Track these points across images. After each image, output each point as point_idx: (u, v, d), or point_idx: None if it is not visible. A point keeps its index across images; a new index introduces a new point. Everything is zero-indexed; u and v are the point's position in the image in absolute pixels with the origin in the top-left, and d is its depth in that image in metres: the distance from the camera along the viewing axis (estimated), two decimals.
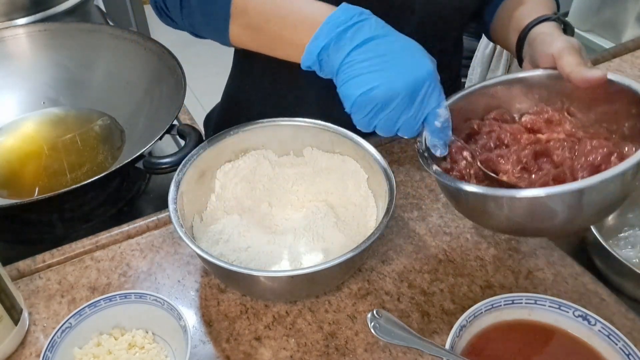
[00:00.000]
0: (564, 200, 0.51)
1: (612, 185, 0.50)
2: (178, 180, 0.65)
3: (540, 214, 0.52)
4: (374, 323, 0.55)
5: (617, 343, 0.53)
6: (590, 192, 0.50)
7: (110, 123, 0.94)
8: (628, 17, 1.70)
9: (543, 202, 0.51)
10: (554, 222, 0.53)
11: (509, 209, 0.53)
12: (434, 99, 0.57)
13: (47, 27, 1.00)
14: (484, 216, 0.57)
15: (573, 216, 0.52)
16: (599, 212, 0.55)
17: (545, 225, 0.54)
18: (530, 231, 0.59)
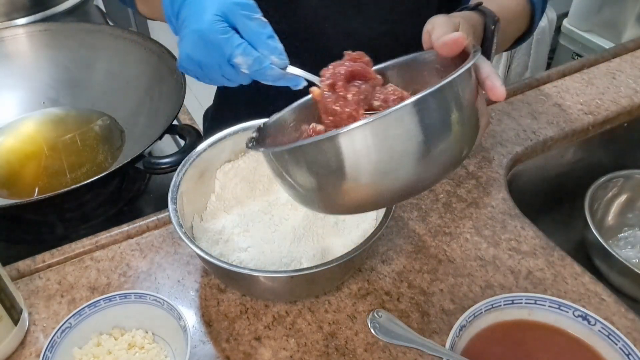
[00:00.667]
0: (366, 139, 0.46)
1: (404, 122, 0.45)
2: (178, 180, 0.65)
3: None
4: (374, 323, 0.55)
5: (617, 343, 0.53)
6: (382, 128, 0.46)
7: (110, 123, 0.94)
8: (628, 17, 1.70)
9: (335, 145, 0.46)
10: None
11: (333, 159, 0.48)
12: (227, 46, 0.54)
13: (47, 27, 1.00)
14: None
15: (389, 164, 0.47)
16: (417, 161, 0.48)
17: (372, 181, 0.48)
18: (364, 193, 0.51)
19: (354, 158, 0.46)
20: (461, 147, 0.50)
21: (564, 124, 0.87)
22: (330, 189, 0.49)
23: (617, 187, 0.87)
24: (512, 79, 1.86)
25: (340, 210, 0.55)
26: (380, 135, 0.45)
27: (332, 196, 0.50)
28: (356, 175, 0.47)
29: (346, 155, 0.46)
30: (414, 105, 0.45)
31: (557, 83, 0.96)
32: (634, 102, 0.91)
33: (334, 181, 0.48)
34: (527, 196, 0.84)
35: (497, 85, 0.52)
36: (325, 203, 0.52)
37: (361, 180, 0.47)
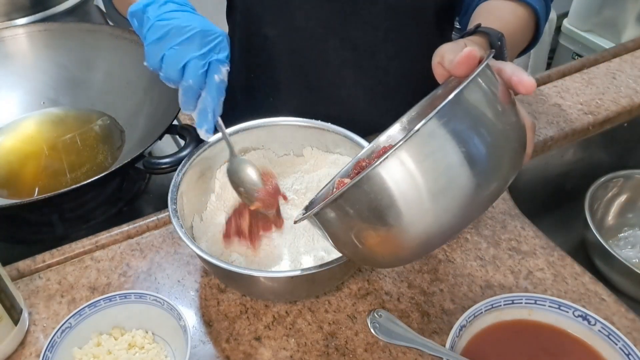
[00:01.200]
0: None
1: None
2: (178, 180, 0.65)
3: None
4: (374, 323, 0.55)
5: (617, 343, 0.53)
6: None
7: (110, 123, 0.94)
8: (628, 17, 1.70)
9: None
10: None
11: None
12: (223, 54, 0.61)
13: (47, 27, 1.00)
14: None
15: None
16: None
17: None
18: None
19: (400, 187, 0.43)
20: (509, 148, 0.47)
21: (564, 124, 0.87)
22: (388, 230, 0.46)
23: (617, 187, 0.87)
24: None
25: (407, 253, 0.50)
26: (417, 157, 0.43)
27: (394, 239, 0.47)
28: (409, 206, 0.44)
29: (392, 187, 0.43)
30: (438, 115, 0.42)
31: (557, 83, 0.96)
32: (634, 102, 0.91)
33: (388, 220, 0.45)
34: (527, 196, 0.84)
35: (524, 78, 0.51)
36: (390, 249, 0.48)
37: (416, 210, 0.44)
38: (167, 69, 0.61)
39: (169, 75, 0.61)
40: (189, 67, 0.60)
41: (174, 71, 0.61)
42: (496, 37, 0.64)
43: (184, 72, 0.61)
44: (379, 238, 0.47)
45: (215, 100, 0.62)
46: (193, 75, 0.60)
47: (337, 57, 0.86)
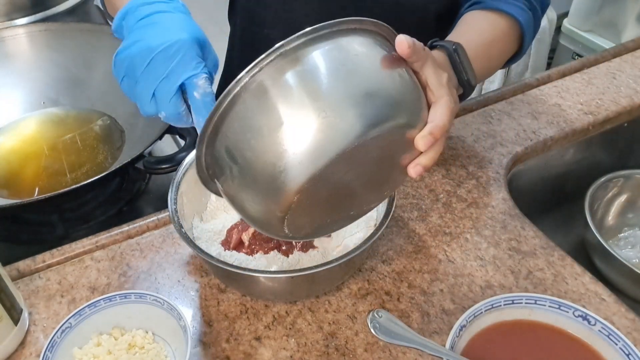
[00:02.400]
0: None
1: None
2: (178, 180, 0.65)
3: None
4: (374, 323, 0.55)
5: (617, 343, 0.53)
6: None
7: (110, 123, 0.94)
8: (628, 17, 1.70)
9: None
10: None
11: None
12: (190, 67, 0.55)
13: (47, 27, 1.00)
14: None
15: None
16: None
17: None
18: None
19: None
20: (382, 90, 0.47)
21: (564, 124, 0.87)
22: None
23: (617, 187, 0.87)
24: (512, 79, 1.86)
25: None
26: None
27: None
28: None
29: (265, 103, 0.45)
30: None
31: (557, 83, 0.96)
32: (634, 102, 0.91)
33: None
34: (527, 196, 0.84)
35: (400, 38, 0.50)
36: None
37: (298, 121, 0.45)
38: (141, 106, 0.57)
39: (146, 110, 0.58)
40: (157, 97, 0.56)
41: (147, 105, 0.57)
42: (451, 48, 0.65)
43: (156, 104, 0.57)
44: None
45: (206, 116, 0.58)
46: (164, 107, 0.56)
47: None
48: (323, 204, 0.51)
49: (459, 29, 0.73)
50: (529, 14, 0.75)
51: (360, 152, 0.46)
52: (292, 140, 0.45)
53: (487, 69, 0.73)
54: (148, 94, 0.56)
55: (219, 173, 0.51)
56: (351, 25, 0.49)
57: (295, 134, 0.45)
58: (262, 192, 0.48)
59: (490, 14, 0.74)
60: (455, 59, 0.65)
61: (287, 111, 0.45)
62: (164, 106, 0.56)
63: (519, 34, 0.75)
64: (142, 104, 0.57)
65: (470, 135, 0.85)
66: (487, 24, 0.73)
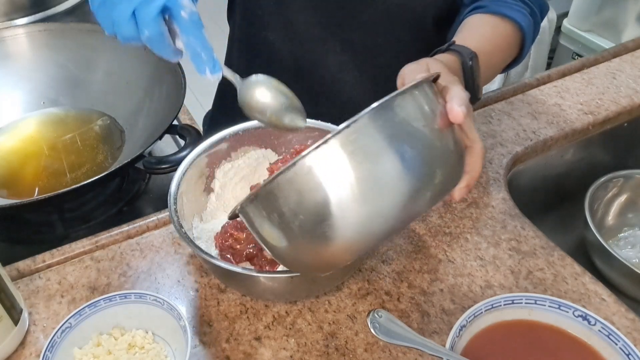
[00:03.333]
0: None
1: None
2: (178, 180, 0.65)
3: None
4: (374, 323, 0.55)
5: (617, 343, 0.53)
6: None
7: (110, 123, 0.94)
8: (628, 17, 1.70)
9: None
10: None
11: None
12: None
13: (47, 27, 1.00)
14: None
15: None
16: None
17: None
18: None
19: (330, 183, 0.43)
20: (438, 162, 0.47)
21: (564, 124, 0.87)
22: (315, 228, 0.45)
23: (617, 187, 0.87)
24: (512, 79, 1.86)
25: (338, 255, 0.49)
26: (343, 153, 0.43)
27: (323, 240, 0.46)
28: (340, 200, 0.43)
29: (316, 181, 0.43)
30: (368, 116, 0.43)
31: (557, 83, 0.96)
32: (634, 102, 0.91)
33: (319, 215, 0.44)
34: (527, 196, 0.84)
35: (454, 107, 0.50)
36: (319, 251, 0.47)
37: (348, 205, 0.44)
38: (119, 28, 0.54)
39: (123, 33, 0.54)
40: (139, 16, 0.53)
41: (125, 27, 0.53)
42: (468, 57, 0.65)
43: (137, 25, 0.53)
44: (304, 239, 0.46)
45: (198, 36, 0.54)
46: (147, 24, 0.53)
47: (337, 60, 0.85)
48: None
49: (462, 33, 0.72)
50: (529, 18, 0.75)
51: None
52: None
53: (487, 74, 0.73)
54: (127, 13, 0.53)
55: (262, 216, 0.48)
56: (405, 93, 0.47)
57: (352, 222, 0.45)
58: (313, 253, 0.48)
59: (493, 19, 0.73)
60: (468, 69, 0.65)
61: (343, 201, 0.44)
62: (145, 24, 0.53)
63: (520, 38, 0.75)
64: (120, 25, 0.54)
65: None
66: (490, 28, 0.73)
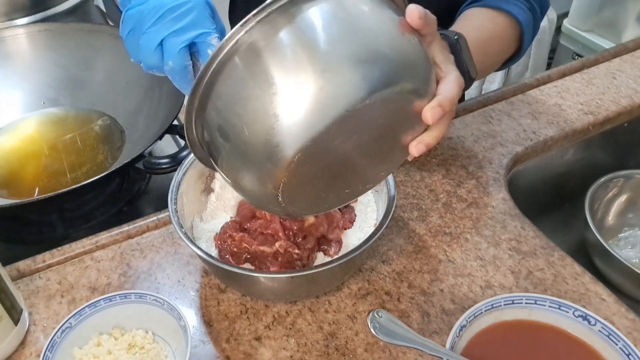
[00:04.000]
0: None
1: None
2: (178, 180, 0.65)
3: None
4: (374, 323, 0.55)
5: (617, 343, 0.53)
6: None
7: (110, 123, 0.94)
8: (628, 17, 1.70)
9: None
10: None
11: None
12: (204, 24, 0.54)
13: (47, 27, 1.00)
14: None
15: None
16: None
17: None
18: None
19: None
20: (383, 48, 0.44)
21: (564, 124, 0.87)
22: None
23: (617, 187, 0.87)
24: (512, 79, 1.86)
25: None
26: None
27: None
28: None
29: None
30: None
31: (557, 83, 0.96)
32: (634, 102, 0.91)
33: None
34: (527, 196, 0.84)
35: (412, 7, 0.48)
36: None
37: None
38: (144, 56, 0.56)
39: (148, 62, 0.56)
40: (165, 47, 0.55)
41: (150, 55, 0.55)
42: (453, 38, 0.65)
43: (162, 55, 0.55)
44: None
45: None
46: (172, 55, 0.54)
47: None
48: (319, 175, 0.48)
49: (458, 24, 0.73)
50: (528, 14, 0.75)
51: (362, 119, 0.44)
52: (287, 103, 0.42)
53: (483, 64, 0.73)
54: (154, 43, 0.55)
55: (210, 140, 0.48)
56: None
57: (290, 96, 0.42)
58: (256, 158, 0.45)
59: (489, 11, 0.74)
60: (457, 49, 0.65)
61: (282, 73, 0.42)
62: (171, 55, 0.54)
63: (518, 32, 0.75)
64: (146, 54, 0.56)
65: (470, 135, 0.85)
66: (486, 20, 0.74)
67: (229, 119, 0.45)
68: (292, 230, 0.63)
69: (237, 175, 0.49)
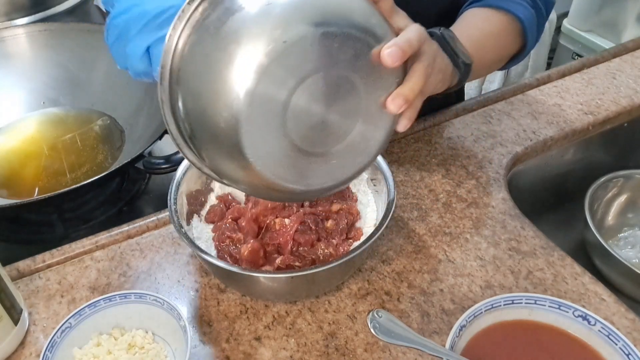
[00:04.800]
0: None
1: None
2: (178, 180, 0.65)
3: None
4: (374, 323, 0.55)
5: (617, 343, 0.53)
6: None
7: (110, 123, 0.94)
8: (628, 17, 1.70)
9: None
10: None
11: None
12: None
13: (47, 27, 1.00)
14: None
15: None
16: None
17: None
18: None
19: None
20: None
21: (564, 124, 0.87)
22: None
23: (617, 187, 0.87)
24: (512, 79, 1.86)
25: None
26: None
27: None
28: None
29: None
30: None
31: (557, 83, 0.96)
32: (634, 102, 0.91)
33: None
34: (527, 196, 0.84)
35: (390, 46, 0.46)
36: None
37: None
38: (131, 63, 0.56)
39: (136, 69, 0.56)
40: (153, 53, 0.55)
41: (138, 62, 0.56)
42: (438, 33, 0.65)
43: (150, 61, 0.55)
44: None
45: None
46: (159, 60, 0.54)
47: None
48: (290, 130, 0.45)
49: (455, 25, 0.73)
50: (530, 11, 0.75)
51: (315, 62, 0.42)
52: (242, 59, 0.41)
53: (480, 61, 0.73)
54: (141, 49, 0.55)
55: (189, 129, 0.48)
56: None
57: (242, 50, 0.42)
58: (220, 121, 0.44)
59: (488, 11, 0.74)
60: (444, 41, 0.64)
61: (234, 36, 0.42)
62: (159, 61, 0.53)
63: (519, 30, 0.75)
64: (133, 61, 0.56)
65: (470, 135, 0.85)
66: (482, 18, 0.74)
67: (194, 93, 0.45)
68: (299, 243, 0.63)
69: (215, 158, 0.48)
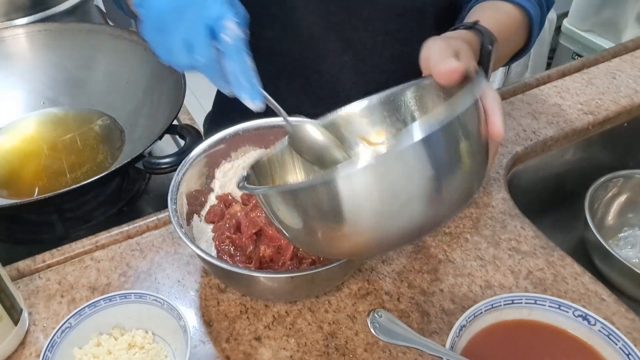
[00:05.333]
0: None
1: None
2: (178, 180, 0.65)
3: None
4: (374, 323, 0.55)
5: (617, 343, 0.53)
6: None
7: (110, 123, 0.94)
8: (628, 17, 1.70)
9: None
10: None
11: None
12: (214, 9, 0.51)
13: (47, 27, 1.00)
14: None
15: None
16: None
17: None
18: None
19: (354, 202, 0.43)
20: (471, 183, 0.46)
21: (564, 124, 0.87)
22: (329, 234, 0.46)
23: (617, 187, 0.87)
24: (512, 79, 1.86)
25: (343, 253, 0.51)
26: (382, 176, 0.42)
27: (332, 241, 0.47)
28: (355, 219, 0.43)
29: (345, 199, 0.42)
30: (420, 143, 0.41)
31: (557, 83, 0.96)
32: (634, 102, 0.91)
33: (332, 226, 0.45)
34: (527, 196, 0.84)
35: (496, 122, 0.49)
36: (325, 248, 0.49)
37: (362, 224, 0.44)
38: (175, 58, 0.54)
39: (180, 63, 0.54)
40: (194, 44, 0.52)
41: (182, 57, 0.53)
42: (488, 41, 0.64)
43: (193, 53, 0.52)
44: (318, 236, 0.47)
45: (239, 60, 0.51)
46: (200, 51, 0.51)
47: (337, 59, 0.85)
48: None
49: (481, 15, 0.70)
50: (537, 8, 0.75)
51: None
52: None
53: (499, 62, 0.73)
54: (180, 44, 0.52)
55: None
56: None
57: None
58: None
59: (505, 5, 0.73)
60: (486, 53, 0.64)
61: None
62: (199, 52, 0.51)
63: (528, 27, 0.75)
64: (177, 56, 0.53)
65: None
66: (505, 14, 0.72)
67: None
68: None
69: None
